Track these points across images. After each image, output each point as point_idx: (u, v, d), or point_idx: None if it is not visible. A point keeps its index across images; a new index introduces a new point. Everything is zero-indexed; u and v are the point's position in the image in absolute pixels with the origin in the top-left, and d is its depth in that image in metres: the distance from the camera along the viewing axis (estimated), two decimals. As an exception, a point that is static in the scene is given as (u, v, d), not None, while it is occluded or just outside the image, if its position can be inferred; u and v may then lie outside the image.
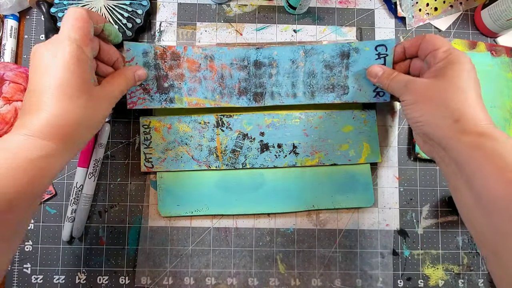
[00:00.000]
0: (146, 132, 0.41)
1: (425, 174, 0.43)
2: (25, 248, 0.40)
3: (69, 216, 0.40)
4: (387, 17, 0.45)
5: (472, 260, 0.42)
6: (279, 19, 0.45)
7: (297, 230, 0.42)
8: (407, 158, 0.43)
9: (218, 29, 0.44)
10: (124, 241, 0.41)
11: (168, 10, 0.44)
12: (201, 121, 0.41)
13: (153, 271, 0.41)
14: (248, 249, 0.41)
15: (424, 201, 0.43)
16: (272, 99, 0.40)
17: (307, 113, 0.41)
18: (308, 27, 0.45)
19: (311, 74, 0.40)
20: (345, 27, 0.45)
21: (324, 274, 0.41)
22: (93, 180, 0.40)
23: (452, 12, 0.45)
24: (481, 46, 0.44)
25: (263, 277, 0.41)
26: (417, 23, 0.45)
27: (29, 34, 0.43)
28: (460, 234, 0.42)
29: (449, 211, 0.43)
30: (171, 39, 0.44)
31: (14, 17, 0.42)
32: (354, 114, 0.42)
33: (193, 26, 0.44)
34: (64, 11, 0.41)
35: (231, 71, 0.39)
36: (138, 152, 0.42)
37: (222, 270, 0.41)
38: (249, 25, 0.44)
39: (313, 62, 0.39)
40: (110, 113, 0.40)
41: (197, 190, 0.41)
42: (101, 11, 0.41)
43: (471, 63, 0.30)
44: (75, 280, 0.40)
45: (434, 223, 0.42)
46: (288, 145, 0.41)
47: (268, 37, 0.44)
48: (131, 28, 0.41)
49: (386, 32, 0.45)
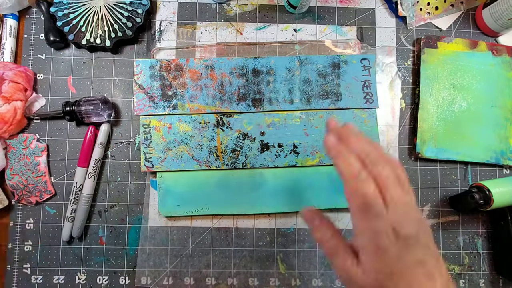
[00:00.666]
0: (146, 132, 0.41)
1: (426, 174, 0.43)
2: (24, 248, 0.40)
3: (69, 216, 0.40)
4: (387, 17, 0.45)
5: (473, 260, 0.42)
6: (280, 18, 0.45)
7: (298, 230, 0.42)
8: (408, 157, 0.43)
9: (218, 29, 0.44)
10: (124, 241, 0.41)
11: (168, 9, 0.44)
12: (201, 121, 0.41)
13: (153, 271, 0.41)
14: (249, 249, 0.41)
15: (425, 201, 0.43)
16: (270, 104, 0.41)
17: (308, 113, 0.41)
18: (309, 26, 0.44)
19: (306, 82, 0.42)
20: (345, 27, 0.45)
21: (325, 274, 0.41)
22: (93, 180, 0.40)
23: (453, 11, 0.45)
24: (482, 45, 0.44)
25: (264, 277, 0.41)
26: (418, 23, 0.45)
27: (29, 34, 0.43)
28: (461, 234, 0.42)
29: (450, 211, 0.43)
30: (171, 38, 0.44)
31: (13, 16, 0.42)
32: (354, 114, 0.42)
33: (193, 25, 0.44)
34: (64, 10, 0.41)
35: (231, 79, 0.41)
36: (138, 152, 0.42)
37: (223, 270, 0.41)
38: (250, 25, 0.44)
39: (308, 71, 0.42)
40: (111, 113, 0.40)
41: (197, 190, 0.41)
42: (100, 10, 0.41)
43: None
44: (75, 280, 0.40)
45: (435, 223, 0.42)
46: (288, 144, 0.41)
47: (269, 37, 0.44)
48: (131, 27, 0.41)
49: (387, 32, 0.45)
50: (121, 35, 0.41)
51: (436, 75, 0.43)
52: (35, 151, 0.41)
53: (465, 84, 0.43)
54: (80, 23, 0.41)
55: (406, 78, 0.44)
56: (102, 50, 0.43)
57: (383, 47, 0.44)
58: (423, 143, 0.42)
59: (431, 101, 0.43)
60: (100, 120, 0.40)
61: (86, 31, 0.41)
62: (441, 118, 0.42)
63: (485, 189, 0.38)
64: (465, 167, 0.43)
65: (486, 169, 0.43)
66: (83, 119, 0.40)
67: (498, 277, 0.42)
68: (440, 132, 0.42)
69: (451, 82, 0.43)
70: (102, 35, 0.41)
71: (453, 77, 0.43)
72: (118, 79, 0.43)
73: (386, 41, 0.44)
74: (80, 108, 0.39)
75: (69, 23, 0.41)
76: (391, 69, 0.44)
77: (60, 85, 0.42)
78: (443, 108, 0.43)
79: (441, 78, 0.43)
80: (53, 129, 0.42)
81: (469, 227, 0.42)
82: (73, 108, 0.39)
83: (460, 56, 0.43)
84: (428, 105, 0.43)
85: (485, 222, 0.43)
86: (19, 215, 0.41)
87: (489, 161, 0.42)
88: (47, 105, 0.42)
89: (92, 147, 0.41)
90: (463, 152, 0.42)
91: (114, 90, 0.43)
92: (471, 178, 0.43)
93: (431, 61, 0.43)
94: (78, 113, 0.39)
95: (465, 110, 0.43)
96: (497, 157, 0.42)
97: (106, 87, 0.43)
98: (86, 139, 0.40)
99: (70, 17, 0.41)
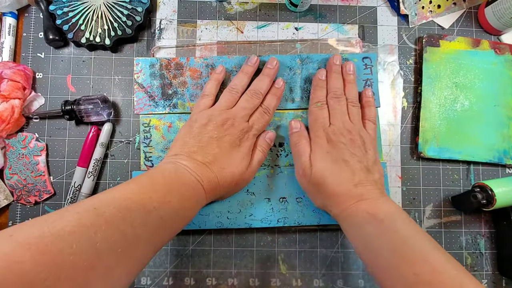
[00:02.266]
0: (146, 131, 0.40)
1: (428, 173, 0.43)
2: (23, 248, 0.40)
3: (68, 216, 0.39)
4: (389, 15, 0.45)
5: (475, 261, 0.42)
6: (281, 16, 0.44)
7: (299, 230, 0.41)
8: (410, 157, 0.43)
9: (218, 27, 0.44)
10: (123, 241, 0.41)
11: (168, 7, 0.44)
12: (201, 120, 0.41)
13: (153, 271, 0.40)
14: (249, 249, 0.41)
15: (427, 201, 0.42)
16: None
17: (309, 112, 0.41)
18: (310, 25, 0.44)
19: (307, 80, 0.41)
20: (347, 25, 0.44)
21: (326, 274, 0.41)
22: (92, 180, 0.40)
23: (456, 9, 0.45)
24: (484, 44, 0.43)
25: (265, 277, 0.41)
26: (420, 21, 0.44)
27: (28, 32, 0.42)
28: (463, 234, 0.42)
29: (452, 210, 0.42)
30: (171, 37, 0.43)
31: (12, 14, 0.42)
32: (356, 113, 0.41)
33: (193, 23, 0.44)
34: (63, 8, 0.41)
35: (231, 77, 0.41)
36: (138, 151, 0.42)
37: (223, 271, 0.41)
38: (250, 23, 0.44)
39: (309, 69, 0.41)
40: (110, 112, 0.40)
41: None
42: (100, 8, 0.41)
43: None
44: (74, 281, 0.40)
45: (437, 223, 0.42)
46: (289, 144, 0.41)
47: (269, 35, 0.44)
48: (131, 26, 0.41)
49: (388, 30, 0.44)
50: (120, 34, 0.41)
51: (438, 74, 0.43)
52: (34, 150, 0.40)
53: (468, 83, 0.43)
54: (79, 22, 0.41)
55: (408, 77, 0.44)
56: (102, 48, 0.43)
57: (385, 46, 0.44)
58: (425, 142, 0.42)
59: (433, 100, 0.42)
60: (99, 119, 0.40)
61: (85, 30, 0.41)
62: (443, 117, 0.42)
63: (487, 189, 0.37)
64: (468, 166, 0.43)
65: (488, 168, 0.43)
66: (83, 118, 0.40)
67: (501, 278, 0.41)
68: (442, 131, 0.42)
69: (454, 81, 0.43)
70: (101, 33, 0.41)
71: (456, 76, 0.43)
72: (118, 78, 0.42)
73: (388, 39, 0.44)
74: (80, 107, 0.39)
75: (69, 21, 0.41)
76: (393, 68, 0.44)
77: (60, 84, 0.42)
78: (445, 107, 0.42)
79: (443, 77, 0.43)
80: (52, 129, 0.41)
81: (472, 227, 0.42)
82: (72, 107, 0.39)
83: (462, 54, 0.43)
84: (430, 104, 0.42)
85: (487, 222, 0.42)
86: (18, 215, 0.40)
87: (492, 161, 0.42)
88: (46, 104, 0.42)
89: (93, 147, 0.40)
90: (465, 151, 0.42)
91: (114, 89, 0.42)
92: (474, 177, 0.43)
93: (433, 59, 0.43)
94: (78, 112, 0.39)
95: (467, 109, 0.42)
96: (500, 156, 0.42)
97: (106, 86, 0.42)
98: (88, 139, 0.40)
99: (70, 15, 0.41)
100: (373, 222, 0.31)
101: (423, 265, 0.27)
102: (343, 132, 0.36)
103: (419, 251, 0.28)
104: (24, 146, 0.40)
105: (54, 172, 0.41)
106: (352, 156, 0.34)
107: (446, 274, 0.26)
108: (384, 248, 0.29)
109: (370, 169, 0.35)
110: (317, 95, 0.38)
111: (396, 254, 0.28)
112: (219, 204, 0.39)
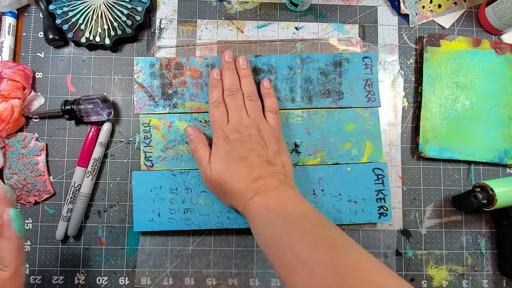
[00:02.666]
0: (146, 131, 0.40)
1: (429, 173, 0.42)
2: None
3: (64, 215, 0.39)
4: (390, 15, 0.45)
5: (476, 261, 0.42)
6: (281, 16, 0.44)
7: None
8: (410, 157, 0.43)
9: (219, 27, 0.44)
10: (123, 241, 0.40)
11: (168, 7, 0.44)
12: (202, 120, 0.41)
13: (153, 272, 0.40)
14: (250, 249, 0.41)
15: (428, 201, 0.42)
16: None
17: (309, 112, 0.41)
18: (310, 24, 0.44)
19: (308, 80, 0.41)
20: (347, 25, 0.44)
21: (326, 274, 0.41)
22: (91, 179, 0.40)
23: (456, 9, 0.45)
24: (485, 43, 0.43)
25: (265, 277, 0.41)
26: (421, 21, 0.44)
27: (28, 32, 0.42)
28: (464, 234, 0.42)
29: (453, 210, 0.42)
30: (171, 36, 0.43)
31: (12, 14, 0.42)
32: (356, 113, 0.41)
33: (193, 23, 0.44)
34: (63, 8, 0.40)
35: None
36: (138, 151, 0.41)
37: (223, 271, 0.41)
38: (250, 23, 0.44)
39: (309, 69, 0.41)
40: (110, 112, 0.40)
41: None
42: (100, 8, 0.41)
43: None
44: (74, 281, 0.40)
45: (438, 223, 0.42)
46: (289, 144, 0.41)
47: (270, 35, 0.44)
48: (131, 25, 0.41)
49: (389, 30, 0.44)
50: (120, 33, 0.41)
51: (439, 73, 0.42)
52: (34, 150, 0.40)
53: (468, 83, 0.43)
54: (79, 21, 0.41)
55: (409, 77, 0.44)
56: (102, 48, 0.42)
57: (385, 45, 0.44)
58: (425, 142, 0.42)
59: (433, 100, 0.42)
60: (99, 119, 0.40)
61: (85, 29, 0.41)
62: (444, 117, 0.42)
63: (488, 189, 0.37)
64: (468, 166, 0.43)
65: (489, 168, 0.43)
66: (83, 118, 0.40)
67: (502, 278, 0.41)
68: (443, 131, 0.42)
69: (454, 80, 0.43)
70: (101, 33, 0.41)
71: (456, 76, 0.43)
72: (118, 77, 0.42)
73: (388, 39, 0.44)
74: (80, 107, 0.39)
75: (68, 21, 0.40)
76: (394, 68, 0.44)
77: (59, 84, 0.42)
78: (446, 107, 0.42)
79: (444, 77, 0.43)
80: (52, 128, 0.41)
81: (472, 227, 0.42)
82: (72, 107, 0.39)
83: (463, 54, 0.43)
84: (431, 104, 0.42)
85: (488, 222, 0.42)
86: (18, 215, 0.40)
87: (493, 161, 0.42)
88: (46, 104, 0.42)
89: (93, 147, 0.40)
90: (466, 151, 0.42)
91: (114, 88, 0.42)
92: (474, 177, 0.43)
93: (434, 59, 0.43)
94: (78, 112, 0.39)
95: (468, 109, 0.42)
96: (501, 156, 0.42)
97: (106, 86, 0.42)
98: (88, 138, 0.40)
99: (69, 15, 0.40)
100: (265, 212, 0.31)
101: (301, 247, 0.28)
102: (239, 129, 0.36)
103: (299, 235, 0.29)
104: (24, 146, 0.40)
105: (54, 172, 0.41)
106: (250, 152, 0.35)
107: (321, 254, 0.27)
108: (272, 235, 0.30)
109: (271, 161, 0.35)
110: (213, 96, 0.38)
111: (282, 239, 0.29)
112: (219, 204, 0.39)
